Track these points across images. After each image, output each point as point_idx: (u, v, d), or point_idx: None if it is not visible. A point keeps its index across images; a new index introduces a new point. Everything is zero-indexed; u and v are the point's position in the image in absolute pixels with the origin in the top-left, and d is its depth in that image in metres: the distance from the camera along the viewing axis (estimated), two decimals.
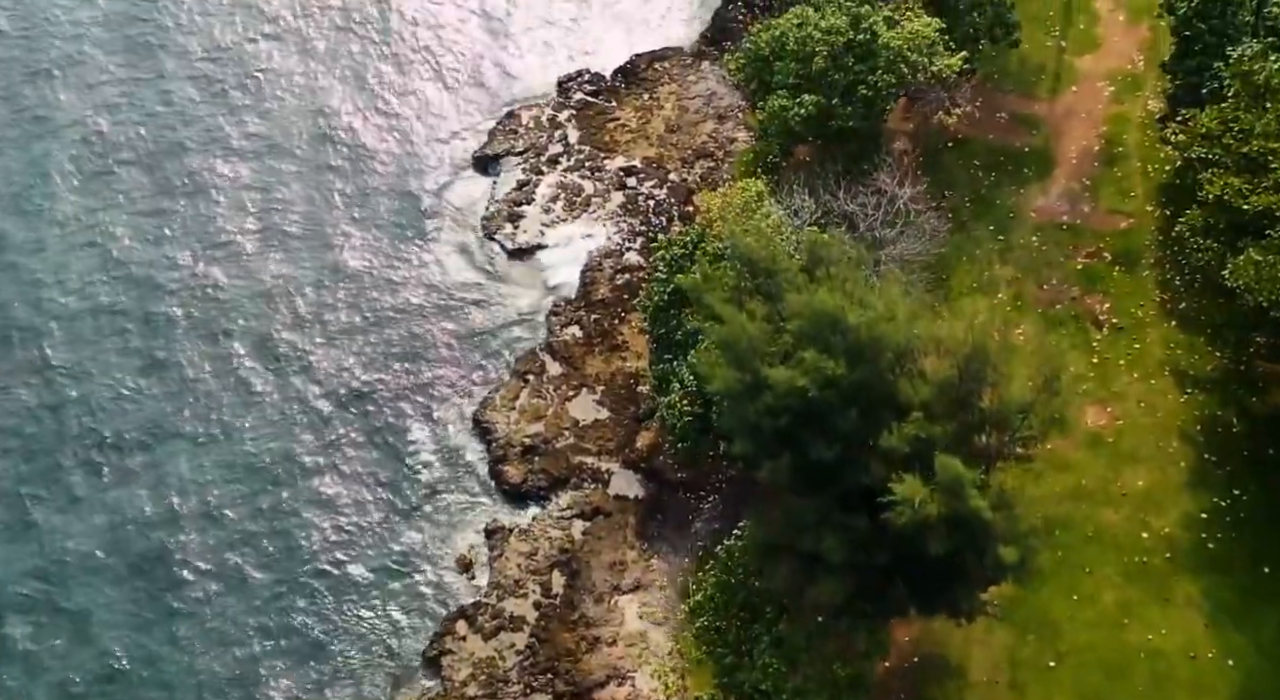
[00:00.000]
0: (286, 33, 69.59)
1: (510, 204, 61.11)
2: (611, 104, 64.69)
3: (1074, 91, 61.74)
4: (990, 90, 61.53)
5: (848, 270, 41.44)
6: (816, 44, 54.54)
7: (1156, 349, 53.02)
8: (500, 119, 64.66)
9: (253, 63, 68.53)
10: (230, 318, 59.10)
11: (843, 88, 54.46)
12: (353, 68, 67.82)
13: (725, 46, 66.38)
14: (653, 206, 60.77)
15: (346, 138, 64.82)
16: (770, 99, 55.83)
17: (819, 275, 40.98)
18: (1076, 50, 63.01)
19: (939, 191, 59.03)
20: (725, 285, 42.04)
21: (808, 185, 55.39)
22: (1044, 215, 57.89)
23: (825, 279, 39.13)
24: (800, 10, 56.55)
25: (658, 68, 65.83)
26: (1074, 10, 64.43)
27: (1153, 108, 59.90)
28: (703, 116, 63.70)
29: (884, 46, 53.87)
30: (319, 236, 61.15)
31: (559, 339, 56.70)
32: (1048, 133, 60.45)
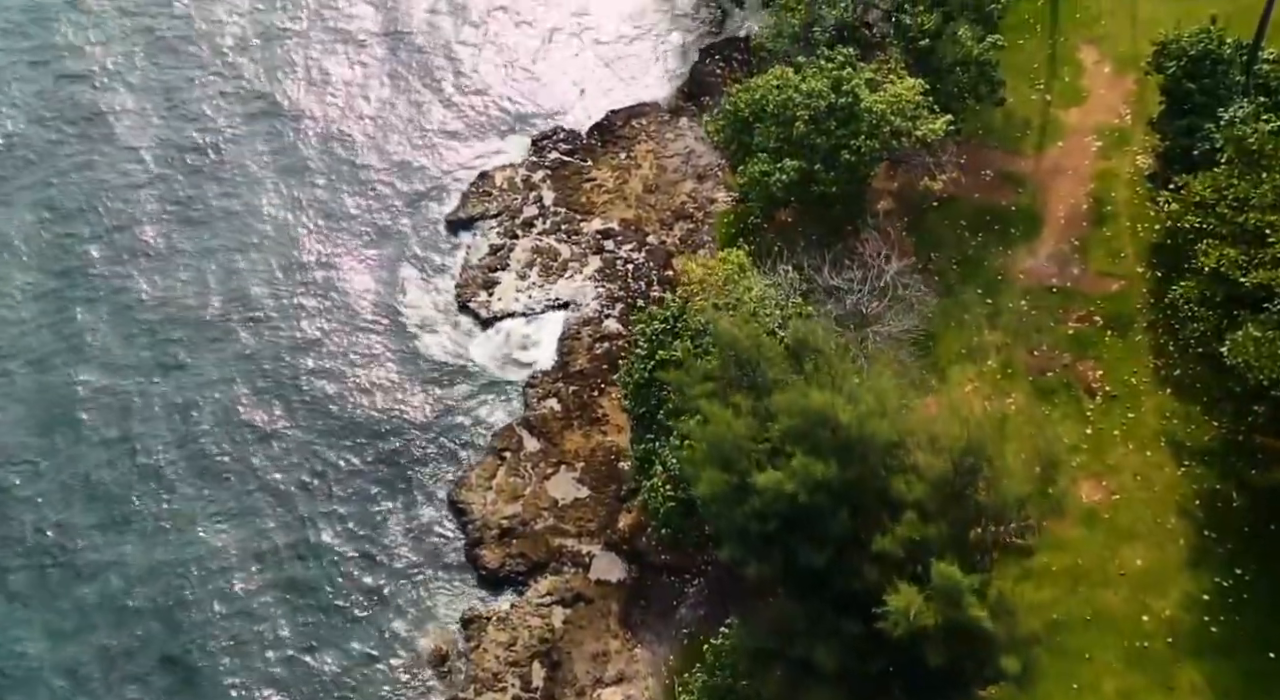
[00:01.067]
0: (252, 97, 67.18)
1: (484, 270, 59.34)
2: (587, 163, 63.04)
3: (1060, 147, 60.37)
4: (975, 146, 60.02)
5: (835, 358, 39.90)
6: (797, 107, 53.11)
7: (1151, 418, 51.57)
8: (473, 180, 62.77)
9: (216, 128, 66.10)
10: (190, 394, 56.95)
11: (825, 152, 52.99)
12: (319, 132, 65.67)
13: (703, 102, 64.96)
14: (631, 271, 59.09)
15: (312, 205, 62.75)
16: (750, 163, 54.33)
17: (806, 367, 39.43)
18: (1062, 103, 61.68)
19: (925, 253, 57.59)
20: (708, 375, 40.39)
21: (791, 257, 54.17)
22: (1033, 278, 56.47)
23: (813, 374, 37.51)
24: (780, 72, 55.12)
25: (634, 125, 64.23)
26: (1059, 62, 63.21)
27: (1141, 164, 58.51)
28: (681, 176, 62.14)
29: (866, 110, 52.48)
30: (284, 307, 59.07)
31: (536, 413, 54.90)
32: (1035, 191, 59.04)
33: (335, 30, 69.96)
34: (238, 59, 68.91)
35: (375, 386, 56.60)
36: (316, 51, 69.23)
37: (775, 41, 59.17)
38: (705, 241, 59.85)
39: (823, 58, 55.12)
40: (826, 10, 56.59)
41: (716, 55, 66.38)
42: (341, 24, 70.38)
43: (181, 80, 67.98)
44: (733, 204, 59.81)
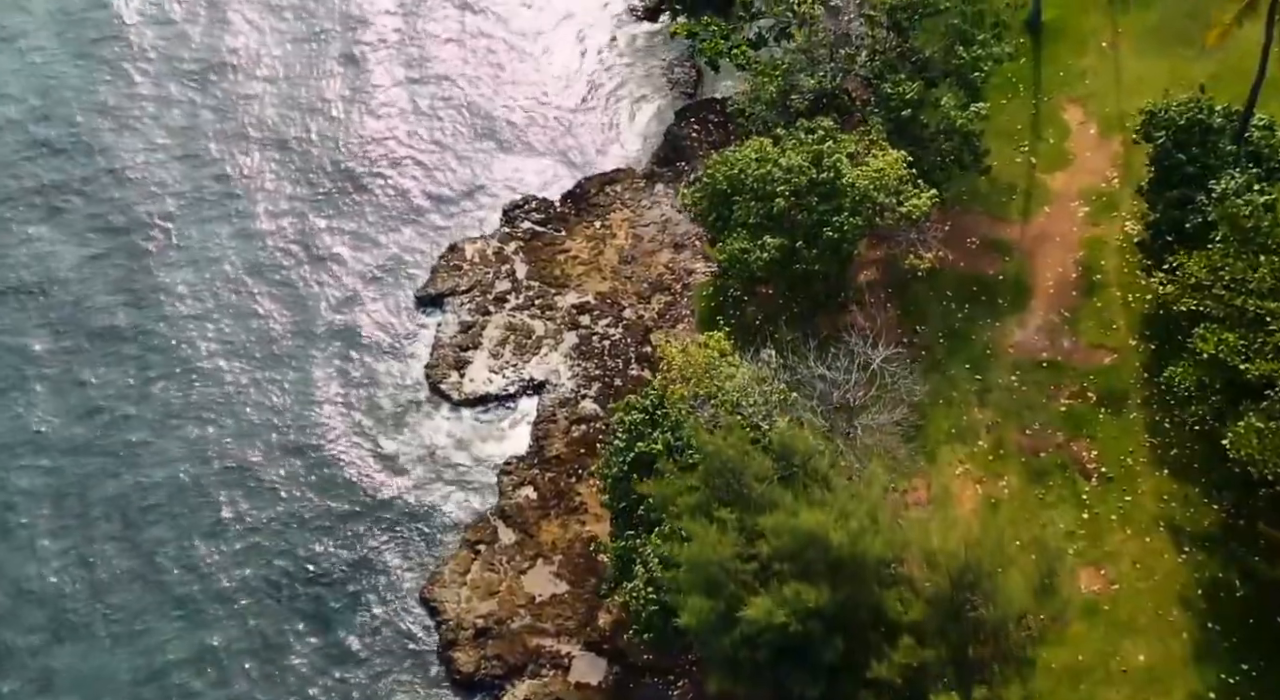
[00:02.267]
0: (218, 177, 64.21)
1: (455, 349, 57.15)
2: (561, 233, 61.04)
3: (1047, 213, 58.71)
4: (959, 213, 58.34)
5: (824, 466, 38.02)
6: (777, 183, 51.33)
7: (1150, 502, 49.79)
8: (443, 253, 60.49)
9: (167, 207, 63.20)
10: (141, 480, 54.17)
11: (806, 229, 51.22)
12: (274, 206, 62.81)
13: (679, 167, 63.09)
14: (608, 348, 57.06)
15: (272, 284, 60.05)
16: (729, 239, 52.44)
17: (794, 486, 37.46)
18: (1047, 167, 60.06)
19: (910, 326, 55.97)
20: (690, 486, 38.41)
21: (773, 331, 52.36)
22: (1022, 351, 54.73)
23: (802, 491, 35.63)
24: (758, 144, 53.30)
25: (609, 192, 62.28)
26: (1043, 123, 61.64)
27: (1130, 231, 56.93)
28: (658, 245, 60.23)
29: (849, 186, 50.75)
30: (243, 390, 56.47)
31: (511, 502, 52.67)
32: (1022, 259, 57.33)
33: (290, 97, 67.35)
34: (190, 135, 66.04)
35: (340, 475, 54.09)
36: (272, 117, 66.68)
37: (753, 107, 57.52)
38: (684, 315, 57.90)
39: (802, 130, 53.51)
40: (804, 78, 54.92)
41: (692, 118, 64.51)
42: (298, 88, 67.73)
43: (135, 151, 65.37)
44: (712, 276, 57.98)
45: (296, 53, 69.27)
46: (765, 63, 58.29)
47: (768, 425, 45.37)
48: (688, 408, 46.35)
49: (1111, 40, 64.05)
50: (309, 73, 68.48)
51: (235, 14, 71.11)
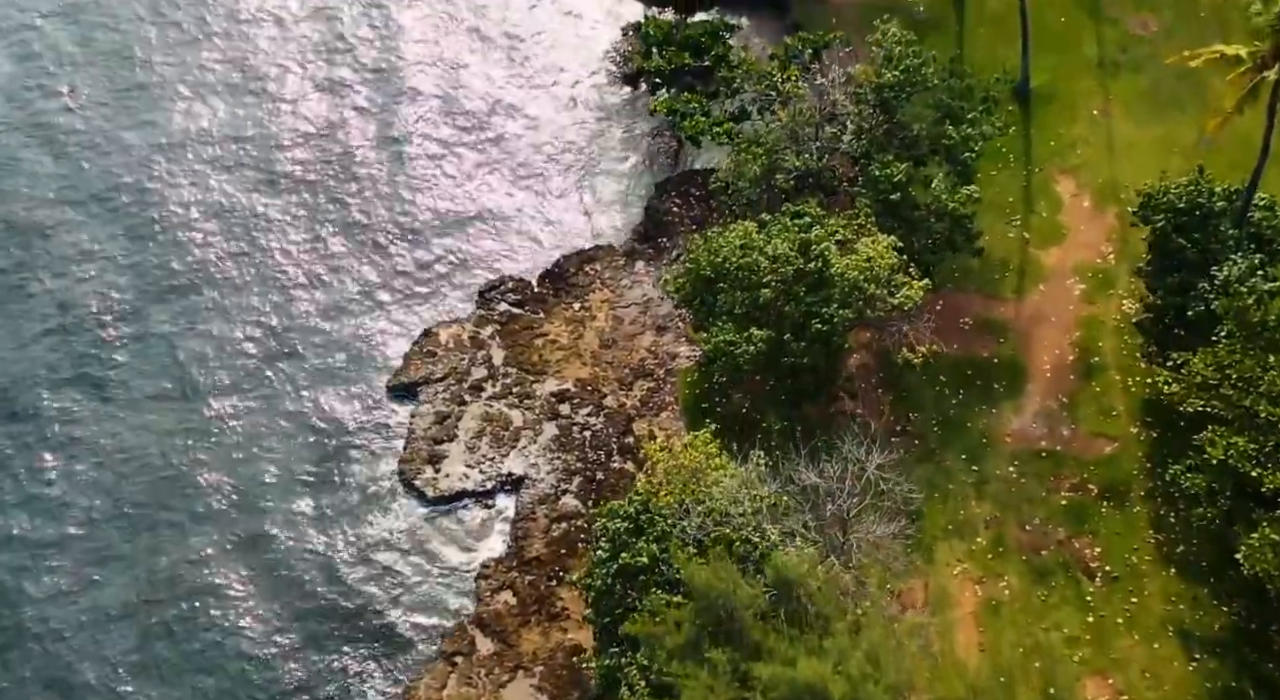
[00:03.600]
0: (179, 264, 61.46)
1: (430, 442, 54.70)
2: (539, 315, 58.71)
3: (1041, 291, 56.79)
4: (951, 291, 56.32)
5: (821, 597, 35.86)
6: (763, 272, 49.33)
7: (1156, 603, 47.71)
8: (417, 339, 58.02)
9: (138, 297, 60.28)
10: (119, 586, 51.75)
11: (794, 321, 49.20)
12: (240, 297, 60.03)
13: (661, 244, 60.89)
14: (589, 438, 54.73)
15: (237, 371, 57.47)
16: (714, 330, 50.38)
17: (790, 605, 35.38)
18: (1040, 242, 58.20)
19: (903, 414, 53.76)
20: (679, 622, 36.18)
21: (761, 419, 50.31)
22: (1020, 440, 52.70)
23: (798, 638, 33.48)
24: (743, 229, 51.26)
25: (588, 270, 60.03)
26: (1035, 195, 59.76)
27: (1128, 310, 55.09)
28: (640, 327, 58.03)
29: (838, 276, 48.76)
30: (204, 490, 53.73)
31: (489, 608, 50.15)
32: (1016, 341, 55.38)
33: (254, 176, 64.57)
34: (150, 218, 63.23)
35: (306, 580, 51.46)
36: (238, 196, 63.89)
37: (736, 185, 55.53)
38: (668, 402, 55.62)
39: (788, 214, 51.54)
40: (789, 158, 52.94)
41: (673, 191, 62.27)
42: (261, 165, 64.95)
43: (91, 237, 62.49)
44: (696, 361, 55.86)
45: (265, 130, 66.56)
46: (748, 140, 56.43)
47: (759, 537, 43.34)
48: (674, 518, 44.18)
49: (1103, 106, 62.42)
50: (276, 148, 65.87)
51: (183, 95, 68.17)
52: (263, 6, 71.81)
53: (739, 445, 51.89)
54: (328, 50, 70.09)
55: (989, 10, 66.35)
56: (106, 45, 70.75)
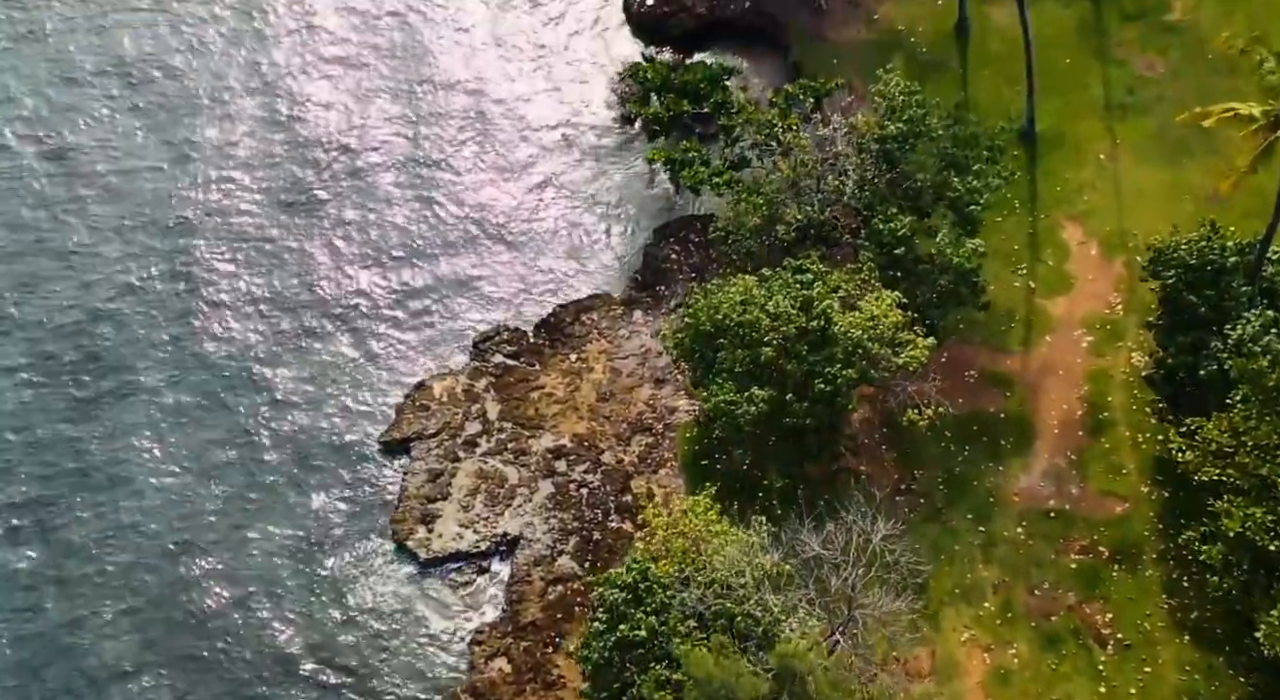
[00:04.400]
0: (168, 316, 60.02)
1: (422, 501, 53.35)
2: (535, 367, 57.40)
3: (1048, 342, 55.42)
4: (956, 343, 55.00)
5: (825, 686, 34.55)
6: (764, 330, 48.06)
7: (1171, 673, 46.29)
8: (409, 392, 56.69)
9: (124, 347, 58.79)
10: (83, 652, 50.51)
11: (796, 381, 47.95)
12: (234, 339, 58.83)
13: (659, 292, 59.57)
14: (586, 496, 53.37)
15: (225, 426, 56.12)
16: (714, 389, 49.05)
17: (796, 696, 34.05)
18: (1047, 291, 56.82)
19: (908, 472, 52.52)
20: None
21: (763, 490, 49.04)
22: (1028, 499, 51.35)
23: None
24: (743, 284, 49.97)
25: (584, 320, 58.69)
26: (1040, 243, 58.49)
27: (1137, 363, 53.77)
28: (638, 380, 56.69)
29: (841, 334, 47.49)
30: (190, 554, 52.42)
31: (484, 676, 48.68)
32: (1023, 394, 54.02)
33: (240, 223, 62.91)
34: (133, 275, 61.26)
35: (294, 644, 50.19)
36: (223, 249, 62.18)
37: (736, 234, 54.26)
38: (667, 458, 54.27)
39: (790, 269, 50.28)
40: (790, 211, 51.70)
41: (671, 237, 60.93)
42: (247, 217, 63.04)
43: (71, 285, 60.97)
44: (695, 415, 54.53)
45: (256, 179, 64.86)
46: (748, 188, 55.17)
47: (761, 611, 41.98)
48: (674, 589, 42.81)
49: (1110, 150, 61.07)
50: (258, 196, 64.10)
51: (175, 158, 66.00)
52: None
53: (739, 503, 50.91)
54: (305, 103, 67.83)
55: (992, 50, 65.16)
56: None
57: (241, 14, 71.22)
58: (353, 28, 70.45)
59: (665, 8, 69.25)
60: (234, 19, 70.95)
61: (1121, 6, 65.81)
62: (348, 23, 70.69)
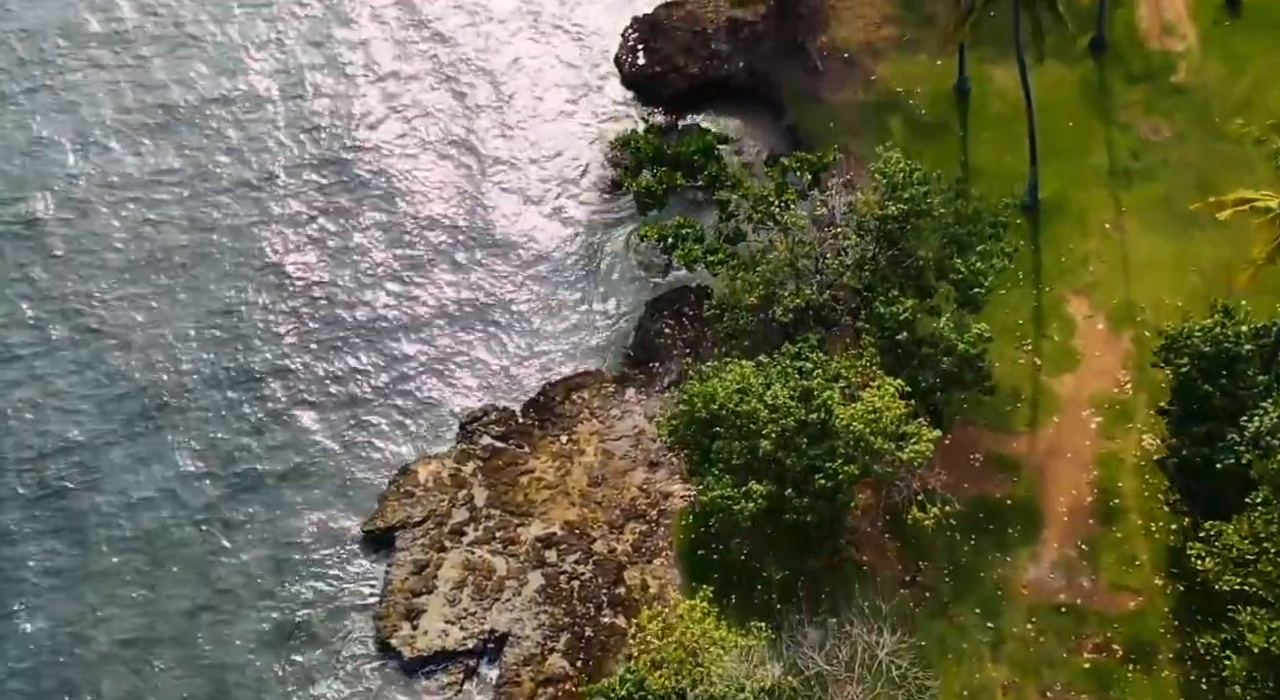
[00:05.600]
0: (140, 405, 57.47)
1: (407, 594, 51.12)
2: (524, 449, 55.30)
3: (1056, 423, 53.54)
4: (960, 424, 52.98)
5: None
6: (762, 422, 46.16)
7: None
8: (394, 477, 54.58)
9: (98, 439, 56.43)
10: None
11: (796, 475, 46.07)
12: (210, 422, 56.59)
13: (652, 369, 57.54)
14: (577, 589, 51.24)
15: (201, 515, 53.82)
16: (710, 481, 47.07)
17: None
18: (1053, 368, 54.97)
19: (912, 563, 50.54)
20: None
21: (762, 570, 47.04)
22: (1037, 593, 49.32)
23: None
24: (740, 372, 48.01)
25: (575, 399, 56.68)
26: (1045, 316, 56.67)
27: (1148, 445, 51.89)
28: (631, 463, 54.68)
29: (843, 427, 45.61)
30: (165, 653, 50.16)
31: None
32: (1031, 479, 52.10)
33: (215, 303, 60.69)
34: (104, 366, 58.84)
35: None
36: (202, 328, 59.74)
37: (732, 315, 52.42)
38: (661, 547, 52.17)
39: (788, 355, 48.43)
40: (788, 296, 49.86)
41: (665, 310, 58.86)
42: (225, 290, 60.99)
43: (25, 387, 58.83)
44: (691, 501, 52.54)
45: (234, 251, 62.71)
46: (744, 264, 53.29)
47: None
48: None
49: (1115, 219, 59.35)
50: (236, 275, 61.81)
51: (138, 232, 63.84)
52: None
53: (737, 597, 49.15)
54: (284, 173, 65.54)
55: (993, 112, 63.48)
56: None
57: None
58: (337, 94, 68.71)
59: (657, 68, 67.69)
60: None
61: (1126, 67, 64.48)
62: (335, 89, 69.30)
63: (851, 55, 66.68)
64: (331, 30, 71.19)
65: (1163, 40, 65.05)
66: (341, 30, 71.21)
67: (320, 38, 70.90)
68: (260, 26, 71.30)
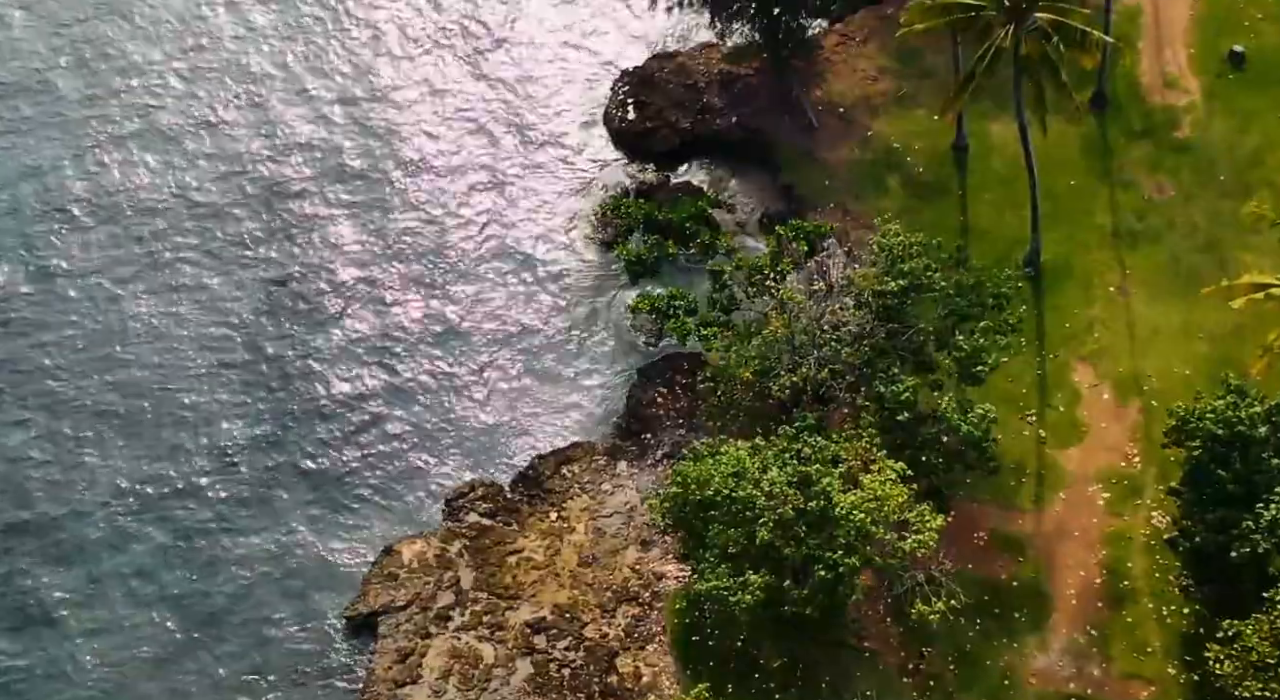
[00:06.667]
0: (108, 490, 55.36)
1: (391, 685, 48.67)
2: (512, 527, 53.30)
3: (1062, 500, 51.72)
4: (964, 500, 51.18)
5: None
6: (760, 509, 44.36)
7: None
8: (377, 559, 52.48)
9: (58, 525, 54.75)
10: None
11: (795, 565, 44.26)
12: (182, 499, 54.42)
13: (644, 441, 55.67)
14: (567, 678, 49.10)
15: (171, 601, 51.77)
16: (704, 569, 45.25)
17: None
18: (1058, 441, 53.16)
19: (915, 649, 48.63)
20: None
21: (760, 683, 45.14)
22: (1046, 682, 47.29)
23: None
24: (734, 455, 46.23)
25: (565, 473, 54.75)
26: (1050, 386, 54.90)
27: (1158, 523, 50.14)
28: (623, 541, 52.72)
29: (843, 516, 43.84)
30: None
31: None
32: (1037, 559, 50.20)
33: (193, 367, 58.89)
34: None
35: None
36: (173, 415, 57.58)
37: (727, 390, 50.62)
38: (655, 632, 50.06)
39: (785, 437, 46.68)
40: (784, 376, 48.10)
41: (657, 378, 56.96)
42: (197, 363, 58.92)
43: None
44: (685, 583, 50.65)
45: (216, 314, 60.96)
46: (739, 335, 51.62)
47: None
48: None
49: (1120, 283, 57.56)
50: (212, 346, 59.91)
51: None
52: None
53: (734, 685, 47.26)
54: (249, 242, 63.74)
55: (993, 171, 61.83)
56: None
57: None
58: (314, 160, 66.76)
59: (647, 123, 65.97)
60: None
61: (1128, 122, 62.88)
62: (314, 148, 67.56)
63: (847, 110, 65.25)
64: (307, 86, 69.68)
65: (1165, 94, 63.57)
66: (319, 83, 69.87)
67: (293, 96, 69.31)
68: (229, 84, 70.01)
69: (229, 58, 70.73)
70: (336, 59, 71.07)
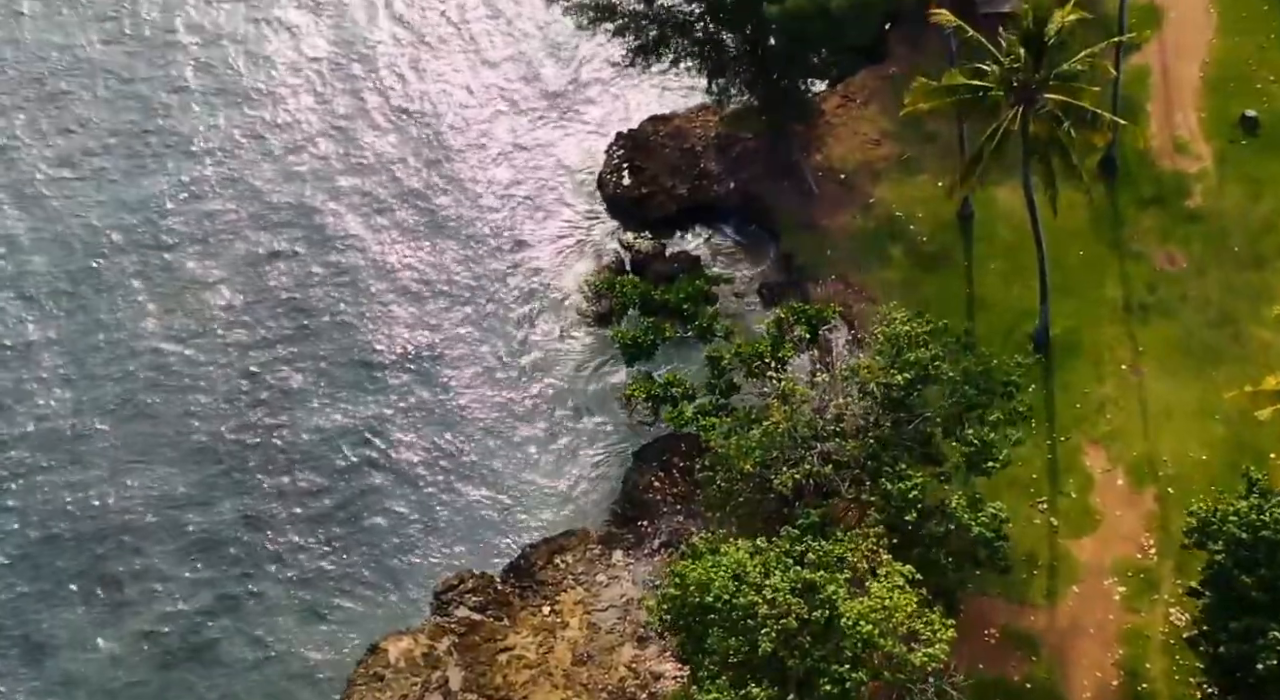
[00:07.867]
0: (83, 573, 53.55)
1: None
2: (503, 621, 51.18)
3: (1076, 594, 49.69)
4: (973, 595, 48.86)
5: None
6: (761, 617, 42.30)
7: None
8: (362, 658, 50.31)
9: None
10: None
11: (799, 677, 42.19)
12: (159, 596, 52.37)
13: (641, 529, 53.70)
14: None
15: None
16: (704, 680, 42.69)
17: None
18: (1071, 530, 51.16)
19: None
20: None
21: None
22: None
23: None
24: (734, 557, 44.06)
25: (558, 563, 52.73)
26: (1061, 470, 53.00)
27: (1176, 620, 48.19)
28: (619, 637, 50.65)
29: (849, 627, 41.81)
30: None
31: None
32: (1051, 659, 48.14)
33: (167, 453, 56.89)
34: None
35: None
36: (146, 504, 55.61)
37: (727, 477, 48.65)
38: None
39: (788, 539, 44.65)
40: (785, 473, 46.15)
41: (653, 461, 54.94)
42: (169, 456, 56.76)
43: None
44: (683, 684, 48.59)
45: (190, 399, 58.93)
46: (739, 423, 49.56)
47: None
48: None
49: (1131, 360, 55.65)
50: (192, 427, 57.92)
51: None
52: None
53: None
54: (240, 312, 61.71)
55: (1000, 240, 60.00)
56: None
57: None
58: (296, 231, 64.74)
59: (643, 189, 64.07)
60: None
61: (1138, 190, 60.97)
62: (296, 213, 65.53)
63: (848, 176, 63.37)
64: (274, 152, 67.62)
65: (1176, 160, 61.63)
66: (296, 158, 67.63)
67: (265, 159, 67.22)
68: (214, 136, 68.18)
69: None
70: (313, 140, 68.21)
